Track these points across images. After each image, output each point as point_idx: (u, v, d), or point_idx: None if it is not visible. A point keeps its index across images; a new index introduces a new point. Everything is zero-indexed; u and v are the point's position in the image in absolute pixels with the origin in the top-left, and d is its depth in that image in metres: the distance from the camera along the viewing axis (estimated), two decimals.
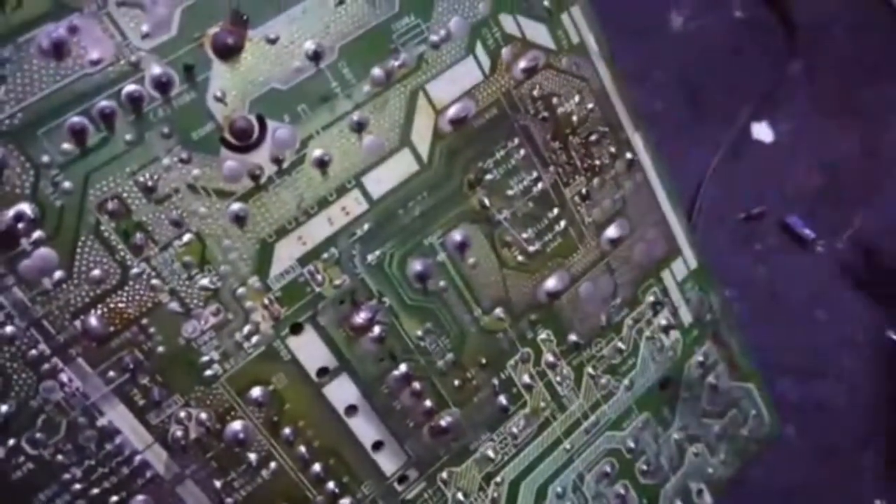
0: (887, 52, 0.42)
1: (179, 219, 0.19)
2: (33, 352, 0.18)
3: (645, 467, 0.28)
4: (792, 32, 0.41)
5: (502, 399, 0.24)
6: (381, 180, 0.22)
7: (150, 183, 0.19)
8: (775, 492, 0.33)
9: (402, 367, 0.23)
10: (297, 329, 0.21)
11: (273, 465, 0.21)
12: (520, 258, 0.24)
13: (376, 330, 0.22)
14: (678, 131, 0.37)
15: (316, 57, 0.20)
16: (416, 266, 0.22)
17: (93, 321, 0.19)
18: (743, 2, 0.42)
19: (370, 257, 0.22)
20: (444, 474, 0.24)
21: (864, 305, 0.37)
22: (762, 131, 0.40)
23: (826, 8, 0.42)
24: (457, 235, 0.23)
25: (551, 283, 0.25)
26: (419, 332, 0.23)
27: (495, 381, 0.24)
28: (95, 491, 0.19)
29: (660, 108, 0.38)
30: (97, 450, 0.19)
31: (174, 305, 0.19)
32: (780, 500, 0.34)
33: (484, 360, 0.24)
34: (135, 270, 0.19)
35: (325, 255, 0.21)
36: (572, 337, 0.25)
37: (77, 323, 0.19)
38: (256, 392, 0.21)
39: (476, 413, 0.24)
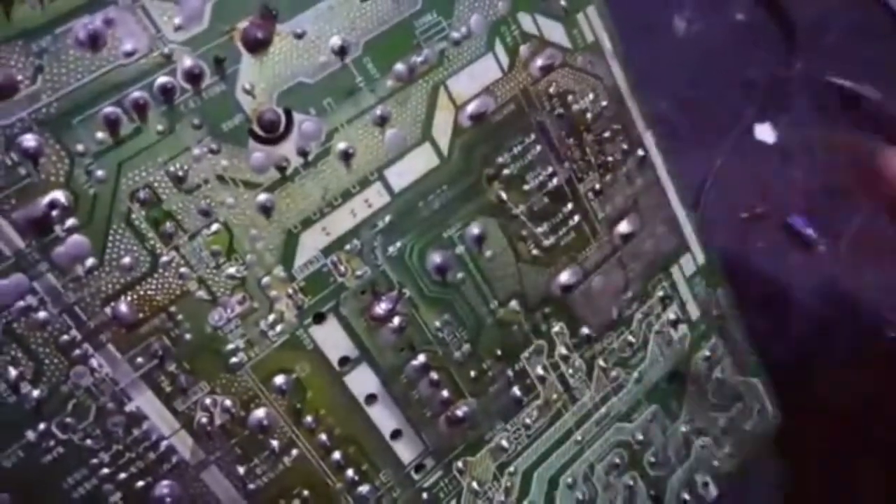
0: (886, 54, 0.43)
1: (208, 208, 0.20)
2: (65, 337, 0.19)
3: (653, 459, 0.28)
4: (792, 35, 0.41)
5: (516, 390, 0.25)
6: (403, 173, 0.22)
7: (180, 173, 0.19)
8: (777, 486, 0.34)
9: (421, 358, 0.23)
10: (319, 318, 0.21)
11: (295, 452, 0.22)
12: (535, 252, 0.24)
13: (396, 320, 0.22)
14: (681, 132, 0.38)
15: (341, 52, 0.21)
16: (436, 258, 0.23)
17: (123, 308, 0.19)
18: (744, 5, 0.42)
19: (391, 249, 0.22)
20: (460, 463, 0.24)
21: (865, 303, 0.38)
22: (765, 132, 0.40)
23: (825, 10, 0.43)
24: (475, 229, 0.23)
25: (565, 276, 0.25)
26: (437, 323, 0.23)
27: (510, 373, 0.25)
28: (122, 476, 0.20)
29: (663, 110, 0.39)
30: (125, 435, 0.19)
31: (202, 293, 0.20)
32: (782, 493, 0.34)
33: (499, 352, 0.24)
34: (164, 258, 0.19)
35: (348, 246, 0.21)
36: (585, 330, 0.26)
37: (107, 309, 0.19)
38: (280, 380, 0.21)
39: (491, 404, 0.25)
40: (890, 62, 0.42)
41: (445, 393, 0.24)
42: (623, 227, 0.26)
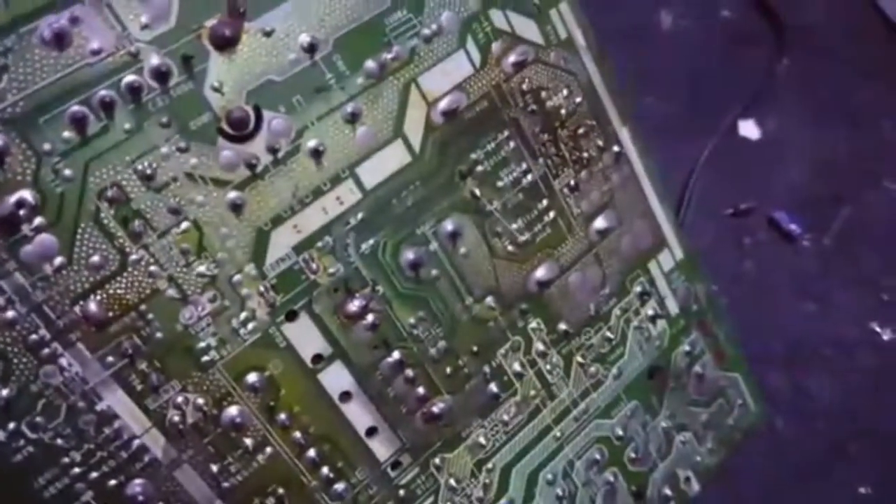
0: (871, 53, 0.43)
1: (177, 206, 0.20)
2: (34, 336, 0.19)
3: (633, 455, 0.28)
4: (779, 33, 0.42)
5: (493, 386, 0.25)
6: (375, 170, 0.22)
7: (148, 171, 0.19)
8: (762, 481, 0.34)
9: (396, 355, 0.23)
10: (292, 316, 0.21)
11: (269, 450, 0.22)
12: (510, 248, 0.24)
13: (370, 318, 0.22)
14: (667, 129, 0.38)
15: (311, 49, 0.21)
16: (409, 255, 0.23)
17: (92, 307, 0.19)
18: (730, 2, 0.42)
19: (364, 246, 0.22)
20: (437, 460, 0.24)
21: (849, 298, 0.38)
22: (749, 129, 0.40)
23: (813, 9, 0.43)
24: (449, 225, 0.23)
25: (541, 272, 0.25)
26: (412, 320, 0.23)
27: (486, 369, 0.25)
28: (94, 475, 0.20)
29: (649, 106, 0.39)
30: (96, 434, 0.20)
31: (172, 292, 0.20)
32: (767, 489, 0.34)
33: (475, 348, 0.24)
34: (133, 257, 0.19)
35: (320, 244, 0.22)
36: (562, 326, 0.26)
37: (77, 308, 0.19)
38: (252, 378, 0.21)
39: (468, 400, 0.25)
40: (879, 63, 0.43)
41: (421, 390, 0.24)
42: (599, 222, 0.26)
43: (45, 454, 0.19)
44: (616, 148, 0.26)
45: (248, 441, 0.21)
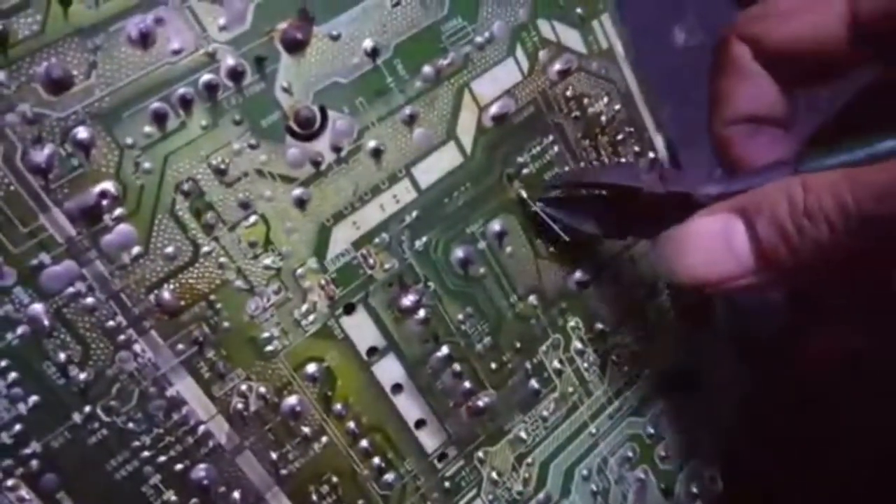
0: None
1: (247, 201, 0.20)
2: (111, 323, 0.19)
3: (663, 453, 0.29)
4: None
5: (534, 382, 0.26)
6: (429, 171, 0.23)
7: (221, 166, 0.20)
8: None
9: (444, 349, 0.24)
10: (350, 309, 0.22)
11: (324, 439, 0.22)
12: (552, 248, 0.25)
13: (422, 312, 0.23)
14: (682, 141, 0.39)
15: (374, 54, 0.22)
16: (459, 253, 0.24)
17: (166, 295, 0.20)
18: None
19: (417, 243, 0.23)
20: (481, 453, 0.25)
21: None
22: None
23: None
24: (496, 225, 0.24)
25: (580, 273, 0.26)
26: (460, 316, 0.24)
27: (528, 365, 0.26)
28: (162, 458, 0.20)
29: (664, 120, 0.40)
30: (165, 419, 0.20)
31: (240, 283, 0.21)
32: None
33: (518, 345, 0.25)
34: (205, 248, 0.20)
35: (377, 240, 0.22)
36: (599, 325, 0.27)
37: (151, 297, 0.20)
38: (311, 368, 0.22)
39: (510, 395, 0.25)
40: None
41: (467, 384, 0.24)
42: None
43: (117, 437, 0.20)
44: (651, 154, 0.27)
45: (306, 429, 0.22)
